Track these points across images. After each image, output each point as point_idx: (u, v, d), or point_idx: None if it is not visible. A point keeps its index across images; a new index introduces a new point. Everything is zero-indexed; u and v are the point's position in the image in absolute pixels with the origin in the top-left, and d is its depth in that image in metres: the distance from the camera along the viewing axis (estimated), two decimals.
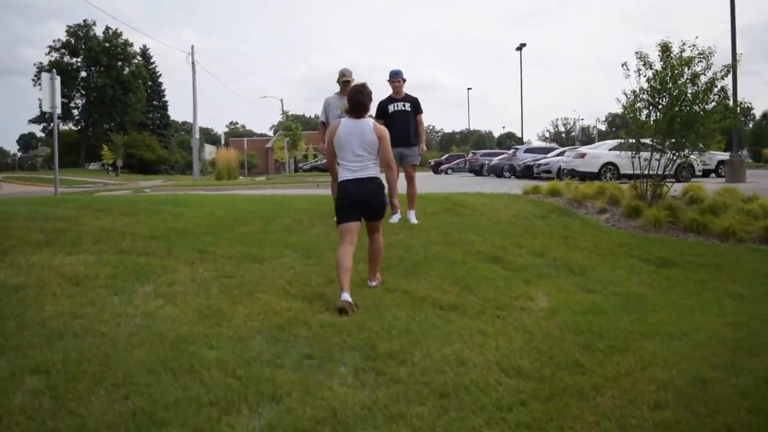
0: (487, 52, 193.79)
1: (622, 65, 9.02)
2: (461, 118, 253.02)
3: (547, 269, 6.22)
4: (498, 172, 30.20)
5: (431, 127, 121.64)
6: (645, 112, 9.13)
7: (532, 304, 5.14)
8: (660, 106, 8.75)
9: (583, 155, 21.14)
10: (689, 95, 8.50)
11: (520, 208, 8.89)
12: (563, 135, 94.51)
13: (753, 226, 7.81)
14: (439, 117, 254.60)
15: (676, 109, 8.44)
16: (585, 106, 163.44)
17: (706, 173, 20.97)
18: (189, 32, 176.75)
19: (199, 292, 4.74)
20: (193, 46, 32.11)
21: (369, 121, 5.19)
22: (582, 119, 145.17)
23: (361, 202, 5.06)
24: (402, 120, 7.58)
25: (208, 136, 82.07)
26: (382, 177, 5.24)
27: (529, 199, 9.72)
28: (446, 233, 7.18)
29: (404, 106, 7.61)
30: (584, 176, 20.79)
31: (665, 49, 8.70)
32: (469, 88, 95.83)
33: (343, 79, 7.42)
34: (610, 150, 21.04)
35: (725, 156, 27.27)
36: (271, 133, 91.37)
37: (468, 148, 73.98)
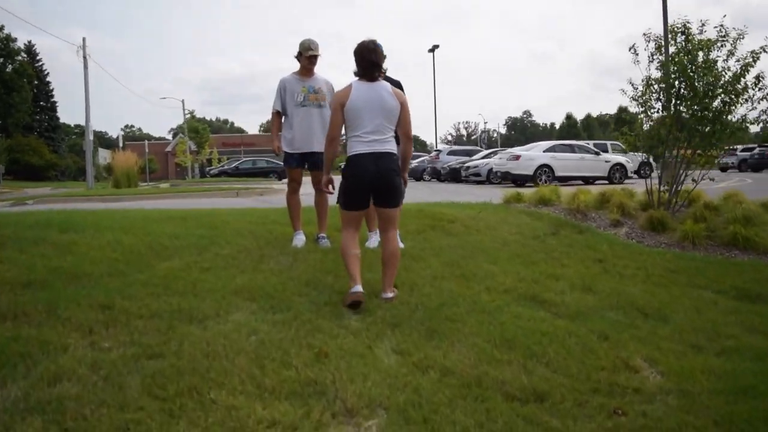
0: (390, 56, 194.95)
1: (630, 49, 7.49)
2: None
3: (614, 313, 4.43)
4: (417, 175, 28.91)
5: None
6: (657, 105, 7.60)
7: (644, 381, 3.31)
8: (683, 98, 7.24)
9: (517, 157, 20.21)
10: (719, 84, 7.04)
11: (519, 223, 7.12)
12: (464, 138, 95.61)
13: None
14: None
15: (707, 100, 6.97)
16: (485, 110, 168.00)
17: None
18: (79, 30, 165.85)
19: (104, 394, 2.59)
20: (84, 39, 28.41)
21: (386, 85, 4.20)
22: (486, 122, 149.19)
23: (378, 182, 4.10)
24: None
25: (102, 140, 76.55)
26: None
27: (522, 210, 7.98)
28: (450, 262, 5.27)
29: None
30: (518, 179, 19.91)
31: (686, 30, 7.22)
32: None
33: (309, 53, 5.37)
34: (544, 152, 20.24)
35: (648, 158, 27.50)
36: (170, 137, 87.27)
37: None
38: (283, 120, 5.59)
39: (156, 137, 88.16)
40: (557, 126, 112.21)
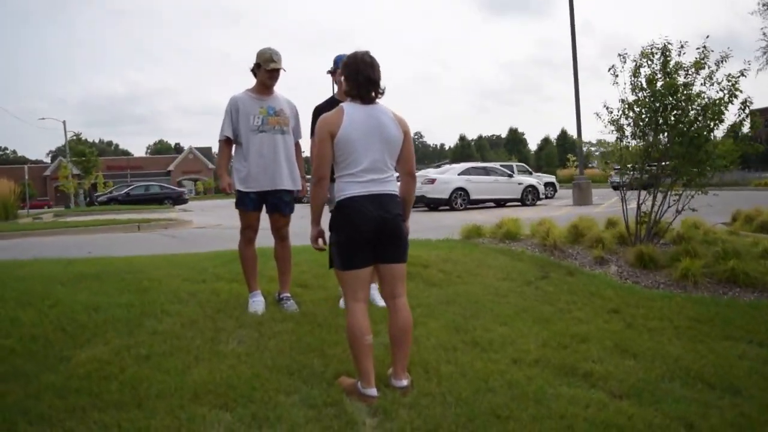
0: (283, 76, 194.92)
1: (609, 70, 6.90)
2: None
3: (674, 386, 3.58)
4: None
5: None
6: (629, 129, 7.04)
7: None
8: (661, 121, 6.69)
9: (432, 181, 19.81)
10: (699, 108, 6.56)
11: (501, 265, 6.24)
12: None
13: None
14: None
15: (693, 127, 6.46)
16: None
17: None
18: None
19: None
20: None
21: (385, 109, 3.25)
22: None
23: (382, 231, 3.10)
24: None
25: None
26: None
27: (494, 248, 7.11)
28: (453, 325, 4.27)
29: None
30: (433, 203, 19.56)
31: (665, 51, 6.71)
32: None
33: (271, 66, 4.25)
34: (459, 175, 19.95)
35: (551, 179, 28.21)
36: (48, 160, 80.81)
37: None
38: (234, 150, 4.43)
39: (33, 160, 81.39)
40: (446, 146, 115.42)
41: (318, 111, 4.61)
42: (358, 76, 3.12)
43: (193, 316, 4.14)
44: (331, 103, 4.61)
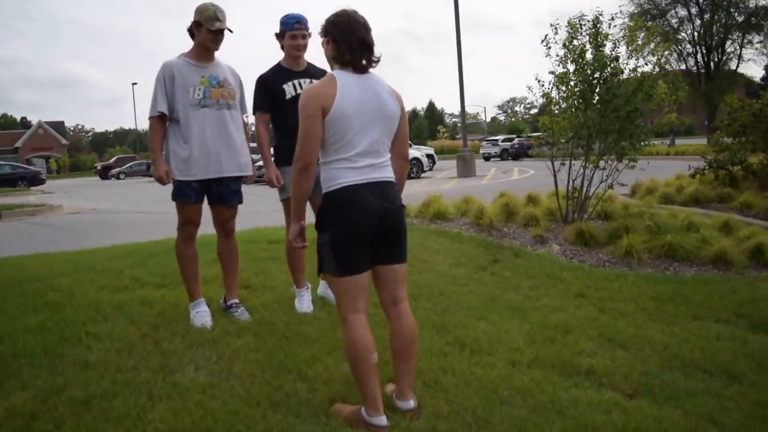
0: (136, 46, 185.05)
1: (542, 42, 6.71)
2: (114, 117, 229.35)
3: (677, 377, 3.41)
4: None
5: (80, 126, 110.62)
6: (561, 103, 6.93)
7: None
8: (597, 98, 6.62)
9: None
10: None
11: (446, 249, 5.88)
12: None
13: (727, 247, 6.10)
14: (88, 116, 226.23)
15: (627, 103, 6.41)
16: None
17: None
18: None
19: None
20: None
21: (381, 81, 2.68)
22: None
23: (385, 225, 2.58)
24: None
25: None
26: None
27: (430, 230, 6.73)
28: (431, 323, 3.86)
29: None
30: None
31: (597, 22, 6.60)
32: (134, 83, 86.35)
33: (216, 25, 3.49)
34: None
35: (430, 150, 28.50)
36: None
37: (128, 150, 67.30)
38: (168, 129, 3.64)
39: None
40: None
41: (263, 82, 3.94)
42: (352, 39, 2.54)
43: (128, 337, 3.40)
44: (278, 72, 3.96)
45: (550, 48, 6.72)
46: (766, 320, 4.34)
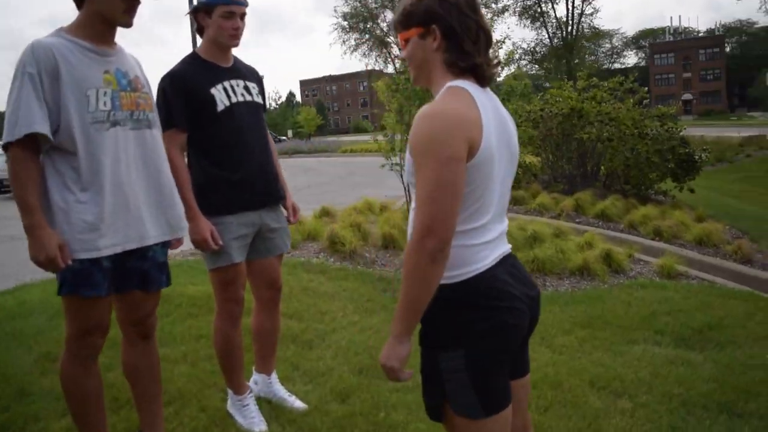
0: None
1: None
2: None
3: (676, 418, 3.09)
4: None
5: None
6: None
7: None
8: None
9: None
10: None
11: (330, 291, 4.93)
12: None
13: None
14: None
15: None
16: None
17: None
18: None
19: None
20: None
21: (495, 97, 1.68)
22: None
23: (530, 327, 1.70)
24: (255, 126, 2.73)
25: None
26: None
27: (287, 262, 5.66)
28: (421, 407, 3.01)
29: (251, 89, 2.76)
30: None
31: None
32: None
33: None
34: None
35: None
36: None
37: None
38: (48, 165, 2.08)
39: None
40: None
41: (178, 83, 2.56)
42: (479, 33, 1.59)
43: None
44: (198, 69, 2.62)
45: None
46: (681, 334, 4.34)
